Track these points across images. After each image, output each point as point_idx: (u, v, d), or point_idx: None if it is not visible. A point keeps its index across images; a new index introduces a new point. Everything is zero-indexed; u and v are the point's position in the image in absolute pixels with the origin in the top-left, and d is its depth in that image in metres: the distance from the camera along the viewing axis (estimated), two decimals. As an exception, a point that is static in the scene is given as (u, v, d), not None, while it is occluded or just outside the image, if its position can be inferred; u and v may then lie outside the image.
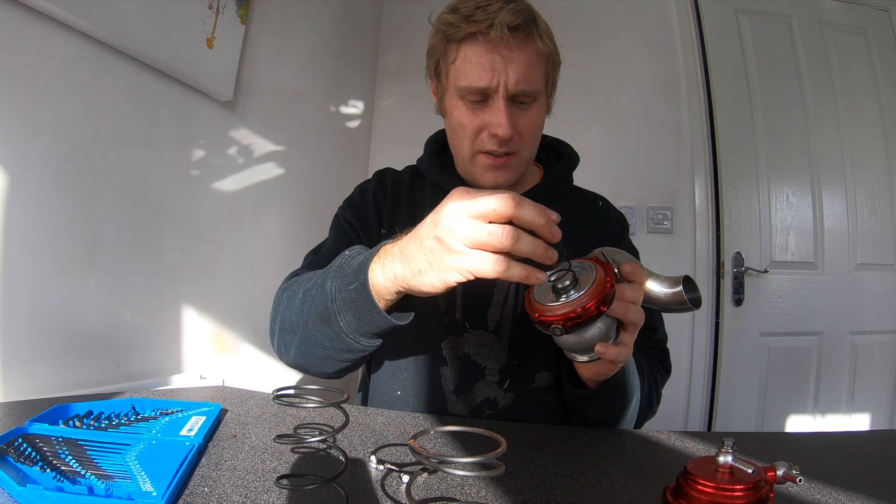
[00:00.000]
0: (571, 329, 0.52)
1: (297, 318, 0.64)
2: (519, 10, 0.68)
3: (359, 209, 0.84)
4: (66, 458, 0.47)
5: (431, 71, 0.78)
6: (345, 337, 0.58)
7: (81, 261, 0.95)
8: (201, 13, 1.17)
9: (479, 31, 0.67)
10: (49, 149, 0.88)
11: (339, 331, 0.58)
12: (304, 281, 0.67)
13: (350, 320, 0.57)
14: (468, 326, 0.77)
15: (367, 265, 0.54)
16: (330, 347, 0.61)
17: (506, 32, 0.66)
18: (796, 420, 1.90)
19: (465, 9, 0.69)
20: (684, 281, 0.59)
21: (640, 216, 1.95)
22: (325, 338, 0.60)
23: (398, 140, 2.13)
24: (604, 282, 0.51)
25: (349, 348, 0.60)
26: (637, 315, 0.56)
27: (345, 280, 0.56)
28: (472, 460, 0.35)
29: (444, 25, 0.71)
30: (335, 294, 0.57)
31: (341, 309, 0.57)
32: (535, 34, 0.69)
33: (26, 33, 0.84)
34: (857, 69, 1.99)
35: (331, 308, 0.57)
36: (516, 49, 0.68)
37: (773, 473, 0.43)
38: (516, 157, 0.74)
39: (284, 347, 0.68)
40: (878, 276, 1.94)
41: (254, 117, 1.41)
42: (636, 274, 0.56)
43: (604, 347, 0.55)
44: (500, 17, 0.66)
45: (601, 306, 0.51)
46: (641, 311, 0.57)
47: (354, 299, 0.55)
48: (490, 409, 0.76)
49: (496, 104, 0.70)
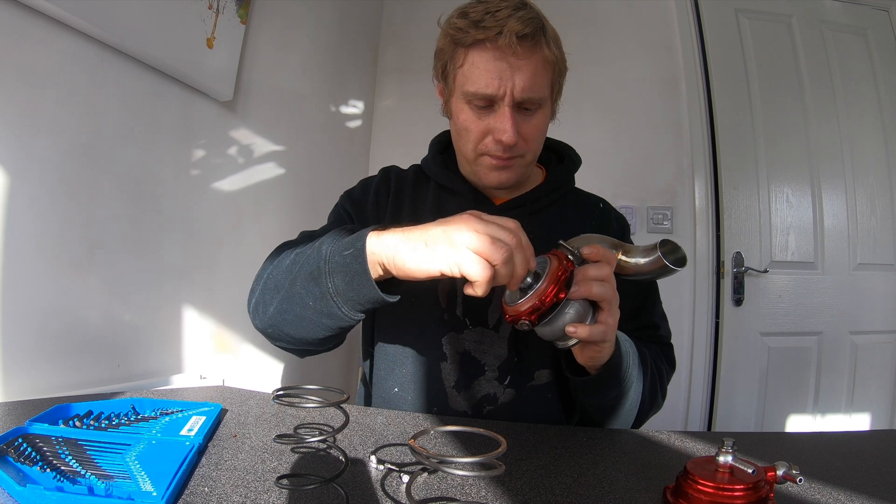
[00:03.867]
0: (539, 320, 0.55)
1: (284, 277, 0.64)
2: (528, 18, 0.68)
3: (358, 201, 0.85)
4: (66, 458, 0.47)
5: (439, 73, 0.78)
6: (329, 299, 0.58)
7: (81, 261, 0.95)
8: (201, 13, 1.17)
9: (487, 38, 0.68)
10: (49, 149, 0.89)
11: (325, 291, 0.58)
12: (297, 245, 0.68)
13: (339, 283, 0.57)
14: (468, 323, 0.77)
15: (365, 234, 0.56)
16: (312, 308, 0.61)
17: (514, 40, 0.66)
18: (796, 420, 1.90)
19: (475, 14, 0.69)
20: (660, 245, 0.61)
21: (640, 216, 1.94)
22: (310, 296, 0.60)
23: (398, 140, 2.13)
24: (556, 270, 0.55)
25: (330, 313, 0.60)
26: (603, 290, 0.57)
27: (341, 245, 0.58)
28: (472, 460, 0.35)
29: (453, 29, 0.71)
30: (329, 255, 0.58)
31: (332, 270, 0.57)
32: (543, 42, 0.70)
33: (26, 33, 0.84)
34: (857, 69, 1.99)
35: (322, 268, 0.58)
36: (524, 57, 0.68)
37: (773, 473, 0.44)
38: (520, 159, 0.76)
39: (263, 306, 0.68)
40: (878, 276, 1.94)
41: (254, 117, 1.41)
42: (597, 254, 0.59)
43: (573, 327, 0.57)
44: (509, 24, 0.66)
45: (559, 293, 0.54)
46: (608, 287, 0.58)
47: (348, 263, 0.56)
48: (490, 406, 0.76)
49: (502, 111, 0.70)
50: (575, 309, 0.57)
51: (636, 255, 0.63)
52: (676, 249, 0.61)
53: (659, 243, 0.61)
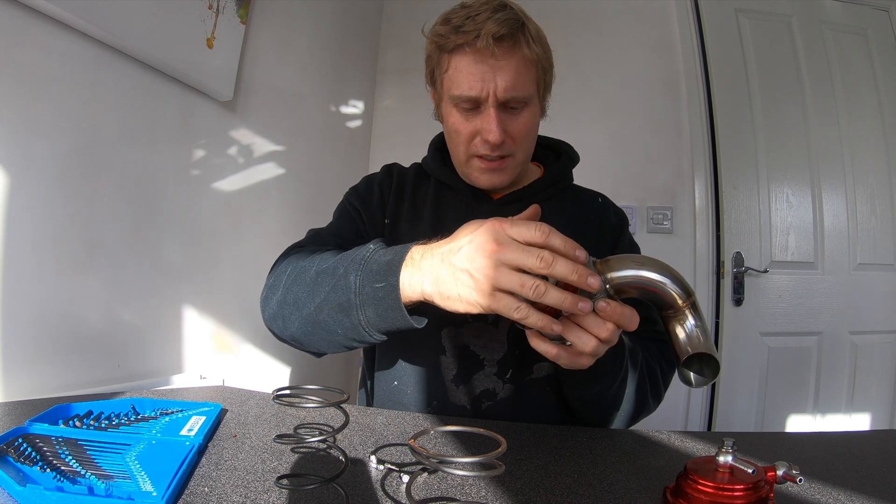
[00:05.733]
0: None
1: (307, 297, 0.63)
2: (505, 19, 0.70)
3: (364, 197, 0.86)
4: (66, 458, 0.47)
5: (428, 78, 0.81)
6: (361, 329, 0.58)
7: (81, 261, 0.95)
8: (201, 13, 1.17)
9: (466, 41, 0.70)
10: (49, 149, 0.89)
11: (357, 323, 0.58)
12: (317, 259, 0.66)
13: (371, 316, 0.57)
14: (468, 317, 0.77)
15: (398, 268, 0.55)
16: (341, 335, 0.61)
17: (491, 42, 0.68)
18: (796, 420, 1.90)
19: (456, 19, 0.71)
20: (685, 363, 0.52)
21: (640, 216, 1.94)
22: (339, 326, 0.60)
23: (398, 140, 2.13)
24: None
25: (360, 339, 0.60)
26: (583, 342, 0.52)
27: (370, 276, 0.57)
28: (472, 460, 0.35)
29: (436, 36, 0.74)
30: (359, 288, 0.57)
31: (364, 303, 0.57)
32: (522, 42, 0.71)
33: (26, 33, 0.84)
34: (857, 69, 1.99)
35: (353, 301, 0.57)
36: (503, 58, 0.70)
37: (773, 473, 0.43)
38: (510, 159, 0.77)
39: (283, 320, 0.68)
40: (878, 276, 1.94)
41: (254, 117, 1.41)
42: (607, 314, 0.52)
43: (544, 346, 0.55)
44: (486, 27, 0.68)
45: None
46: (591, 342, 0.52)
47: (381, 298, 0.55)
48: (489, 400, 0.76)
49: (487, 112, 0.72)
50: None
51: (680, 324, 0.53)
52: (702, 370, 0.54)
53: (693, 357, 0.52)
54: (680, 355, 0.53)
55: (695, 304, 0.54)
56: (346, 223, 0.83)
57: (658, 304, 0.54)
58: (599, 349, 0.54)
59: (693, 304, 0.54)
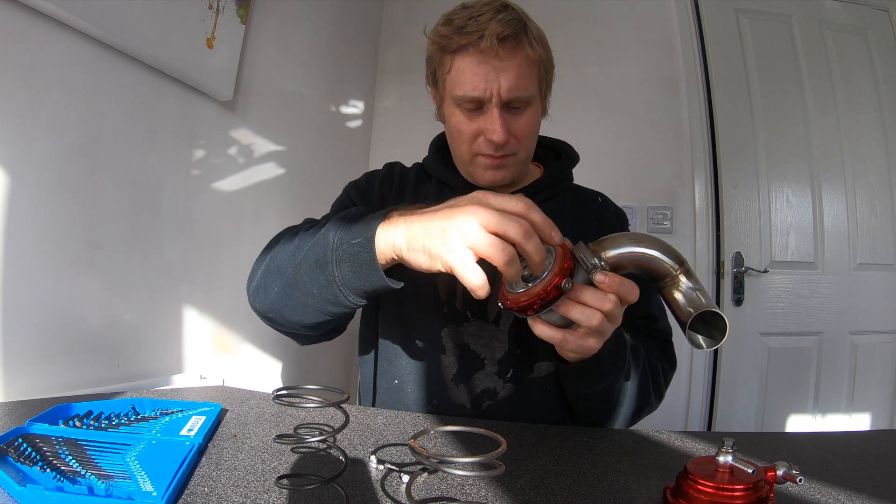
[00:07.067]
0: (538, 312, 0.53)
1: (288, 260, 0.64)
2: (508, 20, 0.70)
3: (364, 192, 0.86)
4: (66, 458, 0.47)
5: (430, 79, 0.81)
6: (335, 287, 0.58)
7: (81, 261, 0.95)
8: (201, 13, 1.17)
9: (470, 42, 0.70)
10: (49, 149, 0.88)
11: (331, 280, 0.58)
12: (301, 228, 0.67)
13: (346, 272, 0.57)
14: (469, 316, 0.78)
15: (375, 224, 0.55)
16: (316, 296, 0.60)
17: (495, 43, 0.68)
18: (796, 420, 1.90)
19: (458, 20, 0.71)
20: (694, 321, 0.52)
21: (640, 216, 1.94)
22: (315, 284, 0.60)
23: (398, 140, 2.13)
24: (561, 262, 0.52)
25: (335, 300, 0.60)
26: (584, 316, 0.54)
27: (349, 233, 0.57)
28: (472, 460, 0.35)
29: (438, 37, 0.74)
30: (337, 244, 0.57)
31: (340, 259, 0.57)
32: (525, 42, 0.71)
33: (26, 33, 0.84)
34: (857, 69, 1.99)
35: (329, 256, 0.57)
36: (506, 58, 0.70)
37: (773, 473, 0.44)
38: (513, 157, 0.77)
39: (265, 289, 0.68)
40: (878, 276, 1.94)
41: (254, 117, 1.41)
42: (606, 284, 0.54)
43: (549, 330, 0.56)
44: (489, 28, 0.68)
45: (559, 289, 0.51)
46: (593, 315, 0.54)
47: (356, 252, 0.55)
48: (490, 400, 0.76)
49: (491, 112, 0.72)
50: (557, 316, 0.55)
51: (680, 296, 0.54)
52: (711, 331, 0.54)
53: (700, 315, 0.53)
54: (684, 319, 0.54)
55: (688, 270, 0.56)
56: None
57: (653, 277, 0.56)
58: (604, 326, 0.55)
59: (687, 271, 0.56)
